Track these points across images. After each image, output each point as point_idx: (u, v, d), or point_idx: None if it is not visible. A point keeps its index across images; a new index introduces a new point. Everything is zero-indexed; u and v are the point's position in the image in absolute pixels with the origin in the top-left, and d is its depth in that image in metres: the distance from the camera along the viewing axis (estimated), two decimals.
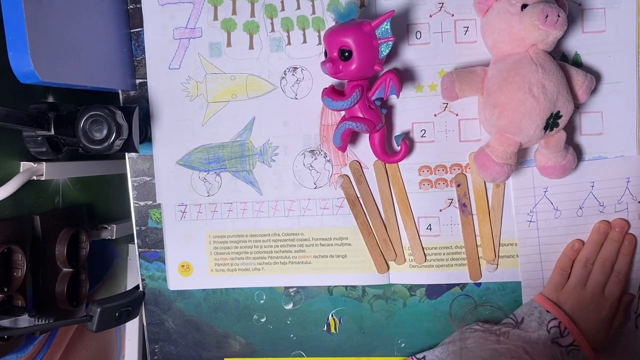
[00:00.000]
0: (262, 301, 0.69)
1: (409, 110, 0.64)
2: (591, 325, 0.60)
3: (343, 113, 0.61)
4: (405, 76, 0.63)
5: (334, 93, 0.60)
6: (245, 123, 0.66)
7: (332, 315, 0.68)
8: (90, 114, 0.58)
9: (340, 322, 0.68)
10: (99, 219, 0.88)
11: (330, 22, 0.63)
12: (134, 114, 0.62)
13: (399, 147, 0.62)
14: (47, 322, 0.63)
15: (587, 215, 0.62)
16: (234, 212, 0.68)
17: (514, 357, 0.54)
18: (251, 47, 0.65)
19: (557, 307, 0.60)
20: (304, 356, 0.70)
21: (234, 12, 0.65)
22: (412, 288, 0.67)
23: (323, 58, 0.59)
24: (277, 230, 0.67)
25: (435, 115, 0.63)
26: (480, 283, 0.65)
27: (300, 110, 0.65)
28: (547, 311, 0.60)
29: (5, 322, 0.63)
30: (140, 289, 0.71)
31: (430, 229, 0.65)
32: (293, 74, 0.65)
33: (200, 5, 0.65)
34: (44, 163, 0.71)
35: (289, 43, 0.65)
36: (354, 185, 0.65)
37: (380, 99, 0.60)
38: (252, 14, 0.65)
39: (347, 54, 0.56)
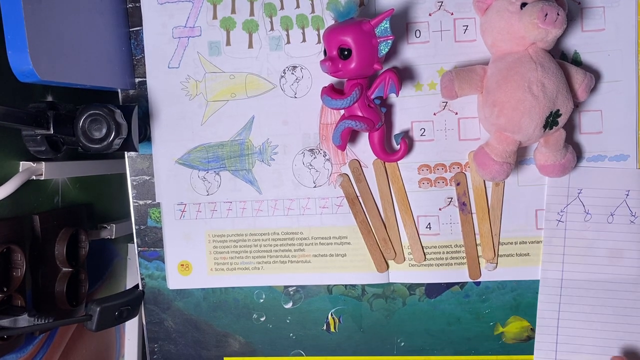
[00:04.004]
0: (262, 300, 0.69)
1: (409, 109, 0.64)
2: None
3: (342, 112, 0.61)
4: (405, 75, 0.63)
5: (333, 92, 0.60)
6: (244, 122, 0.66)
7: (331, 315, 0.68)
8: (89, 112, 0.58)
9: (339, 321, 0.68)
10: (98, 218, 0.88)
11: (329, 21, 0.63)
12: (133, 113, 0.62)
13: (399, 145, 0.62)
14: (46, 321, 0.63)
15: (617, 224, 0.62)
16: (233, 211, 0.67)
17: None
18: (250, 46, 0.65)
19: None
20: (303, 355, 0.70)
21: (233, 11, 0.65)
22: (411, 287, 0.67)
23: (322, 57, 0.59)
24: (277, 229, 0.67)
25: (434, 114, 0.63)
26: (479, 282, 0.66)
27: (299, 109, 0.65)
28: None
29: (5, 322, 0.63)
30: (140, 288, 0.71)
31: (430, 227, 0.65)
32: (292, 73, 0.65)
33: (199, 4, 0.65)
34: (44, 163, 0.71)
35: (288, 42, 0.65)
36: (353, 184, 0.65)
37: (380, 97, 0.60)
38: (252, 13, 0.65)
39: (346, 52, 0.56)
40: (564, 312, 0.64)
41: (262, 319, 0.70)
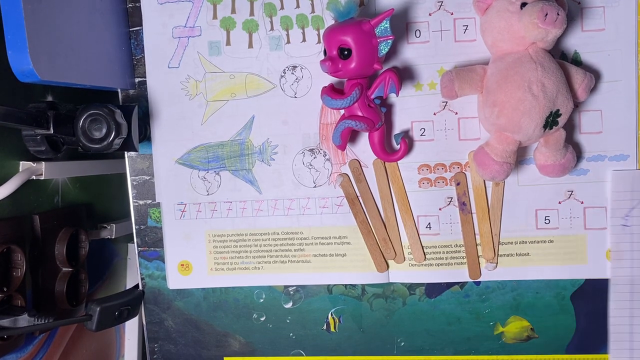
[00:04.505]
0: (262, 300, 0.69)
1: (409, 108, 0.64)
2: None
3: (342, 112, 0.61)
4: (405, 75, 0.63)
5: (333, 92, 0.60)
6: (244, 122, 0.66)
7: (331, 314, 0.68)
8: (89, 112, 0.58)
9: (339, 321, 0.68)
10: (98, 218, 0.88)
11: (329, 21, 0.63)
12: (133, 113, 0.62)
13: (399, 145, 0.62)
14: (46, 321, 0.63)
15: None
16: (233, 211, 0.68)
17: None
18: (250, 45, 0.65)
19: None
20: (303, 355, 0.70)
21: (233, 11, 0.65)
22: (411, 287, 0.67)
23: (322, 57, 0.59)
24: (277, 229, 0.67)
25: (434, 114, 0.63)
26: (479, 282, 0.66)
27: (299, 109, 0.65)
28: None
29: (5, 322, 0.63)
30: (140, 288, 0.71)
31: (430, 227, 0.65)
32: (292, 73, 0.65)
33: (199, 3, 0.65)
34: (43, 163, 0.71)
35: (288, 42, 0.65)
36: (353, 184, 0.65)
37: (380, 97, 0.60)
38: (252, 13, 0.65)
39: (346, 52, 0.56)
40: (636, 309, 0.64)
41: (262, 319, 0.70)
